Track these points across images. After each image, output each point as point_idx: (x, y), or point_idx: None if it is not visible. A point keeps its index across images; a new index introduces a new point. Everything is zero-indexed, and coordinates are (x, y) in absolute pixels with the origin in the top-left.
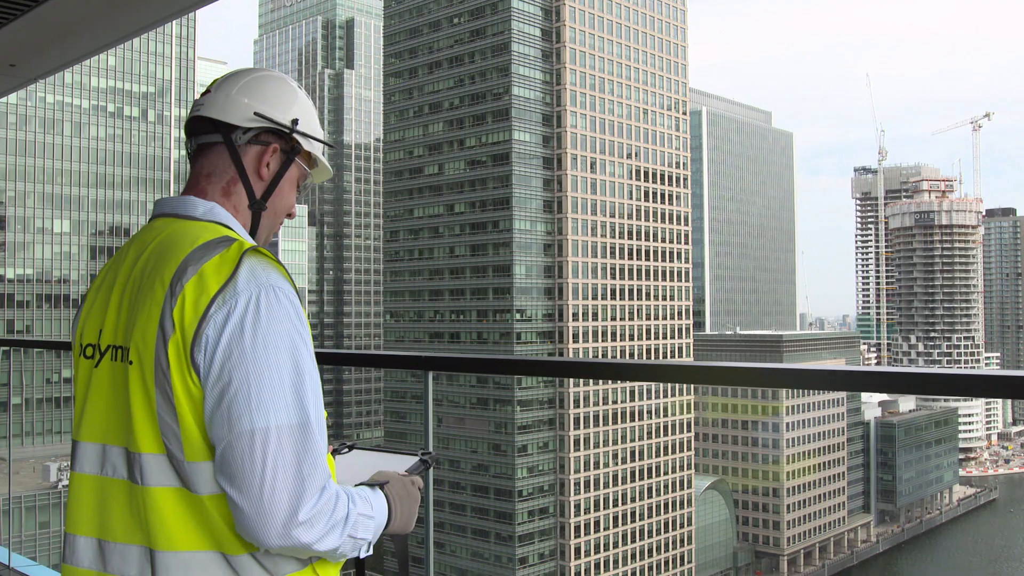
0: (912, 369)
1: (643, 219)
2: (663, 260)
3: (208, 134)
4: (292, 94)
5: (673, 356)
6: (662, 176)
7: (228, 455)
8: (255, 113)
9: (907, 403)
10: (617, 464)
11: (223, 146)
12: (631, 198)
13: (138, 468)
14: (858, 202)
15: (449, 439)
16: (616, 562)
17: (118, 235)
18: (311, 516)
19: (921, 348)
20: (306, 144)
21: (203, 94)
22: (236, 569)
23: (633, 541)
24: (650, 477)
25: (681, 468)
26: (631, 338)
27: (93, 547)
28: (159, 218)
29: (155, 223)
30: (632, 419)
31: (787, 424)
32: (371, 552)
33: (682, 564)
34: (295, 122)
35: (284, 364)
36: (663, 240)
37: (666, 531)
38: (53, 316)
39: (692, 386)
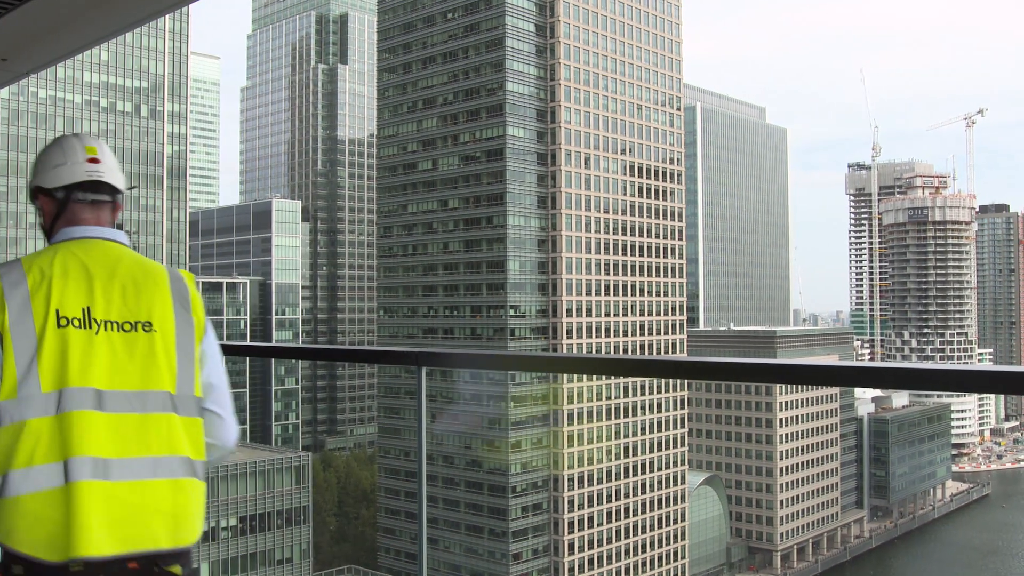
0: (905, 365)
1: (637, 215)
2: (657, 256)
3: (105, 194)
4: None
5: (667, 352)
6: (656, 172)
7: (220, 389)
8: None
9: (900, 399)
10: (611, 460)
11: (111, 204)
12: (625, 194)
13: (170, 402)
14: (852, 198)
15: (442, 435)
16: (610, 558)
17: None
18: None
19: (914, 344)
20: None
21: (91, 160)
22: (203, 470)
23: (627, 537)
24: (644, 473)
25: (675, 464)
26: (625, 334)
27: (148, 462)
28: (105, 241)
29: (105, 244)
30: (626, 415)
31: (780, 420)
32: None
33: (676, 560)
34: None
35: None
36: (657, 236)
37: (660, 527)
38: None
39: (686, 382)
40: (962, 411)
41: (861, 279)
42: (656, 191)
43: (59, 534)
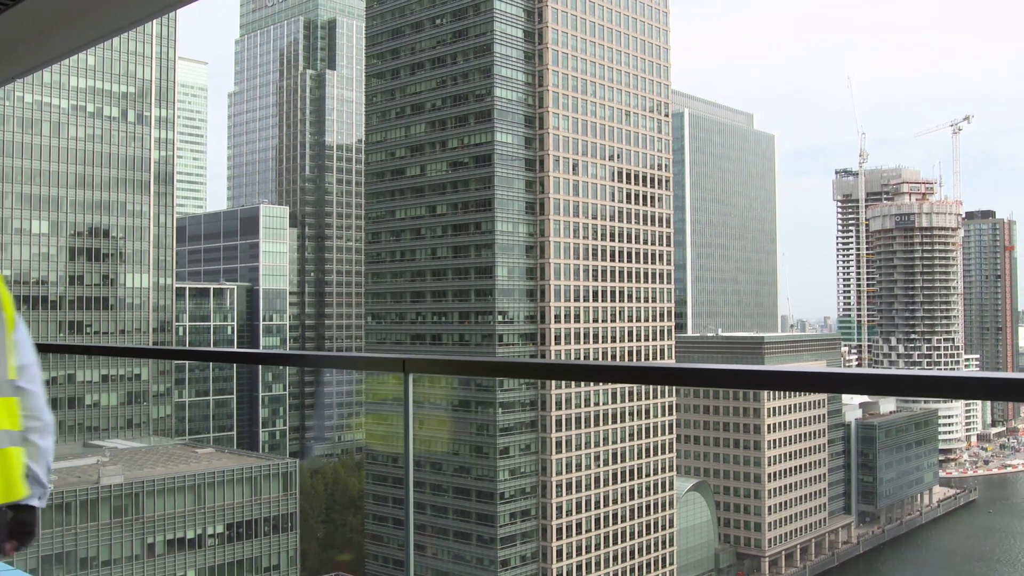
0: (893, 371)
1: (625, 221)
2: (645, 262)
3: None
4: None
5: (655, 358)
6: (644, 178)
7: (31, 367)
8: None
9: (888, 405)
10: (599, 466)
11: None
12: (613, 200)
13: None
14: (839, 204)
15: (430, 441)
16: (598, 564)
17: (97, 236)
18: None
19: (901, 350)
20: None
21: None
22: (20, 438)
23: (615, 543)
24: (632, 479)
25: (663, 470)
26: (613, 340)
27: None
28: None
29: None
30: (614, 421)
31: (768, 426)
32: None
33: (664, 566)
34: None
35: None
36: (645, 242)
37: (648, 533)
38: (31, 318)
39: (674, 388)
40: (949, 417)
41: (848, 285)
42: (644, 197)
43: None
